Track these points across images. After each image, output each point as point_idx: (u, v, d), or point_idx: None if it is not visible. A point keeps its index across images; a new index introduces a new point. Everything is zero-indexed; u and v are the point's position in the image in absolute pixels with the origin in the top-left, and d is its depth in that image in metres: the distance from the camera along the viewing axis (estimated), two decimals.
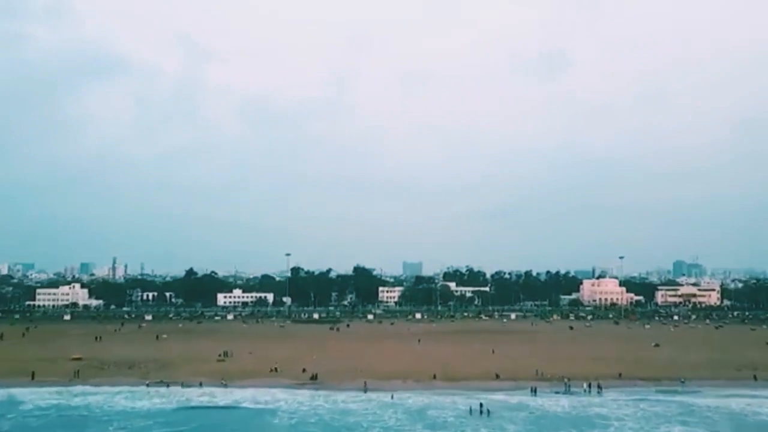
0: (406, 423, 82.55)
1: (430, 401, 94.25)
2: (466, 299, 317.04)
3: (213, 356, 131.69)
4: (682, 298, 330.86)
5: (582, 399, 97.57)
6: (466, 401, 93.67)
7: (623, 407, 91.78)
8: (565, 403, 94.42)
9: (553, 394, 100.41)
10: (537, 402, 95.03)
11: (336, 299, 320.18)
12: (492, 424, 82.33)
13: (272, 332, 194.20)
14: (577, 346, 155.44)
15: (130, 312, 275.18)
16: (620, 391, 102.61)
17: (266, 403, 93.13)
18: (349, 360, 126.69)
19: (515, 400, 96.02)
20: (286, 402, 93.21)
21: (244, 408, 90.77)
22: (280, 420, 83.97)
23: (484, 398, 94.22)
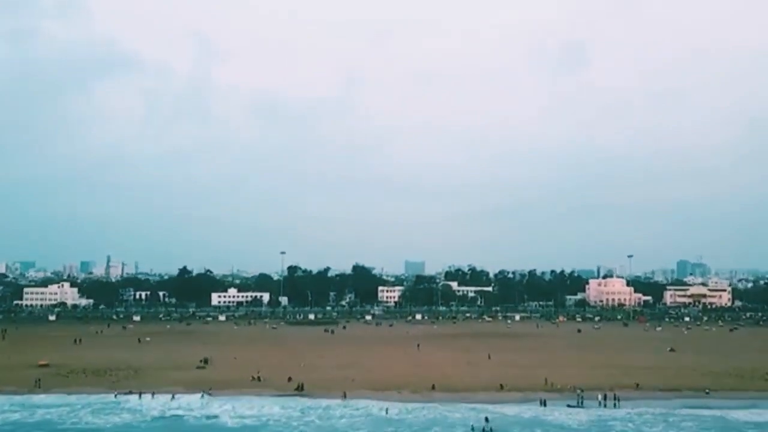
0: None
1: (430, 416, 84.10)
2: (469, 299, 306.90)
3: (194, 362, 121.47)
4: (692, 298, 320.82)
5: (600, 413, 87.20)
6: (469, 415, 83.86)
7: (650, 424, 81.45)
8: (582, 418, 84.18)
9: (565, 407, 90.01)
10: (549, 417, 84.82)
11: (334, 299, 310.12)
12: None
13: (263, 335, 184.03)
14: (587, 352, 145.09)
15: (118, 312, 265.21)
16: (640, 403, 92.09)
17: (240, 418, 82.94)
18: (341, 368, 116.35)
19: (524, 414, 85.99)
20: (260, 419, 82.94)
21: (212, 425, 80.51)
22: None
23: (489, 412, 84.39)
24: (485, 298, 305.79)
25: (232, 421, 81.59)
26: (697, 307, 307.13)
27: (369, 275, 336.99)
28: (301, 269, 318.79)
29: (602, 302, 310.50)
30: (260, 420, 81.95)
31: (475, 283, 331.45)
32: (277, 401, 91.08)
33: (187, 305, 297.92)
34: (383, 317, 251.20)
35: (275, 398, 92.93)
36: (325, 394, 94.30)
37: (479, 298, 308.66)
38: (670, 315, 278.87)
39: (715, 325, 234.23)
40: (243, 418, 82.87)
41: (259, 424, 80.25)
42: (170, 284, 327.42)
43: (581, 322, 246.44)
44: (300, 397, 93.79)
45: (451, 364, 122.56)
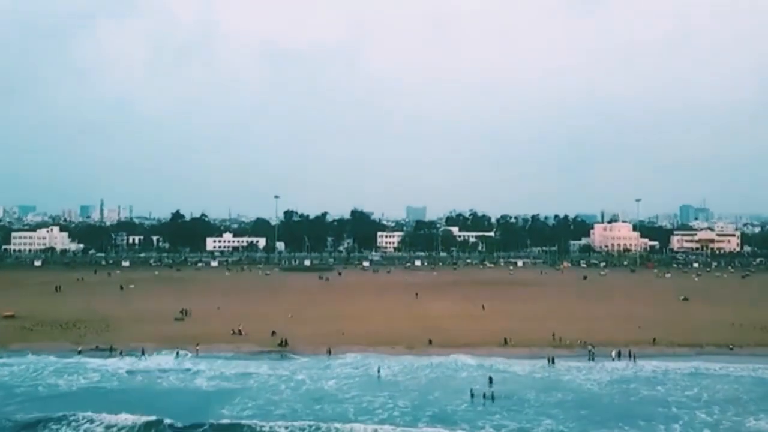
0: (397, 413, 63.13)
1: (427, 377, 75.47)
2: (470, 245, 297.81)
3: (174, 313, 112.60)
4: (699, 243, 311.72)
5: (620, 373, 78.26)
6: (471, 376, 75.25)
7: (680, 386, 72.52)
8: (601, 379, 75.67)
9: (577, 365, 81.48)
10: (564, 377, 76.19)
11: (332, 245, 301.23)
12: (514, 411, 63.20)
13: (253, 283, 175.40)
14: (595, 301, 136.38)
15: (108, 258, 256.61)
16: (660, 360, 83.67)
17: (215, 380, 74.15)
18: (332, 320, 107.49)
19: (536, 374, 77.62)
20: (237, 380, 74.04)
21: (184, 389, 71.52)
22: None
23: (493, 371, 76.19)
24: (487, 244, 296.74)
25: (207, 383, 72.82)
26: (705, 253, 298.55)
27: (368, 220, 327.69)
28: (298, 214, 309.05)
29: (607, 248, 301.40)
30: (237, 382, 73.20)
31: (476, 229, 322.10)
32: (256, 360, 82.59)
33: (180, 250, 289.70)
34: (381, 263, 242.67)
35: (255, 356, 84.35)
36: (310, 352, 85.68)
37: (481, 243, 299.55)
38: (678, 261, 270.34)
39: (726, 271, 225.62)
40: (219, 380, 74.17)
41: (236, 387, 71.30)
42: (164, 229, 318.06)
43: (586, 268, 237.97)
44: (282, 355, 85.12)
45: (451, 315, 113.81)
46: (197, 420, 59.80)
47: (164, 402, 65.61)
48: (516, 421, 60.41)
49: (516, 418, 61.21)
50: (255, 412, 62.59)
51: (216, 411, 62.75)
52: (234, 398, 66.60)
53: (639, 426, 59.37)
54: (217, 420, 60.03)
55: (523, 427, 59.08)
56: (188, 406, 64.56)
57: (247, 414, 62.10)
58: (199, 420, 59.80)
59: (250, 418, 60.72)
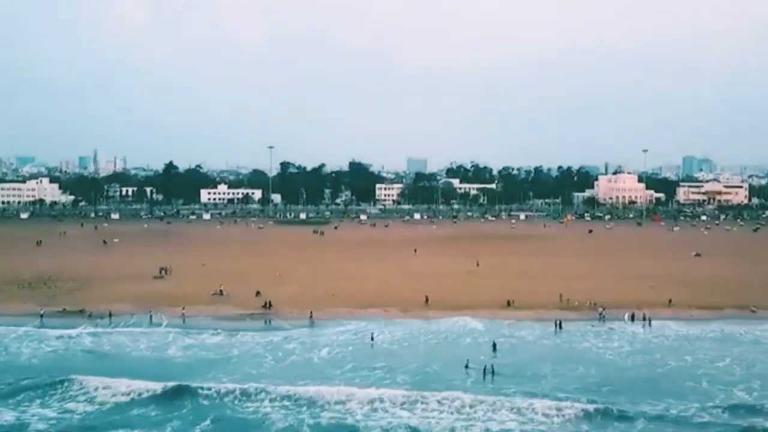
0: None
1: (425, 345, 68.37)
2: (471, 197, 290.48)
3: (155, 270, 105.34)
4: (706, 195, 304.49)
5: (640, 340, 71.02)
6: (473, 343, 68.39)
7: (710, 355, 64.90)
8: (619, 347, 68.07)
9: (589, 330, 74.55)
10: (579, 344, 69.03)
11: (330, 197, 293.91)
12: (529, 387, 55.34)
13: (245, 237, 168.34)
14: (603, 257, 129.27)
15: (98, 210, 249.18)
16: (678, 324, 76.81)
17: (191, 350, 66.91)
18: (323, 278, 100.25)
19: (544, 340, 70.75)
20: (213, 349, 66.70)
21: (155, 359, 64.12)
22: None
23: (497, 336, 69.26)
24: (488, 197, 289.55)
25: (182, 354, 65.11)
26: (712, 205, 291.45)
27: (366, 172, 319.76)
28: (295, 166, 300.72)
29: (612, 200, 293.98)
30: (215, 352, 65.76)
31: (477, 181, 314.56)
32: (238, 325, 75.22)
33: (174, 202, 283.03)
34: (380, 217, 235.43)
35: (237, 321, 77.10)
36: (296, 315, 78.48)
37: (482, 196, 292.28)
38: (685, 213, 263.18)
39: (735, 224, 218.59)
40: (195, 349, 66.75)
41: (214, 357, 63.71)
42: (157, 180, 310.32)
43: (590, 221, 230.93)
44: (266, 320, 77.90)
45: (451, 273, 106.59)
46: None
47: (129, 376, 58.40)
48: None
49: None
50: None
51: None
52: (209, 371, 59.23)
53: (671, 406, 51.12)
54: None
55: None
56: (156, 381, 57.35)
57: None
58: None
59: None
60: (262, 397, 52.32)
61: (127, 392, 53.46)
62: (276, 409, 50.57)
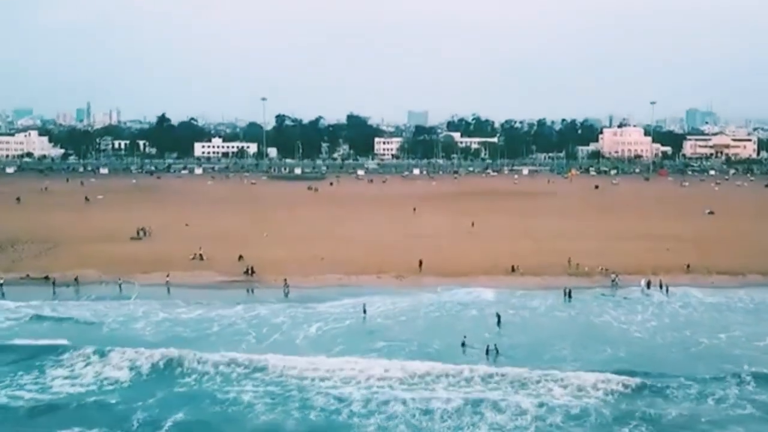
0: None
1: (424, 318, 61.49)
2: (472, 152, 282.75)
3: (135, 230, 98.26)
4: (714, 149, 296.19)
5: (665, 312, 63.99)
6: (476, 315, 61.69)
7: (746, 332, 57.64)
8: (644, 320, 61.01)
9: (603, 299, 68.02)
10: (592, 316, 62.21)
11: (327, 151, 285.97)
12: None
13: (236, 193, 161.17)
14: (611, 215, 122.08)
15: (86, 164, 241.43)
16: (700, 291, 70.10)
17: (164, 325, 59.92)
18: (312, 240, 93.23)
19: (557, 311, 63.89)
20: (185, 323, 59.31)
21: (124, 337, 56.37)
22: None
23: (500, 306, 62.54)
24: (490, 150, 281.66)
25: (151, 331, 57.39)
26: (720, 159, 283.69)
27: (365, 125, 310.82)
28: (291, 118, 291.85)
29: (617, 153, 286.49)
30: (190, 328, 58.11)
31: (479, 134, 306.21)
32: (216, 294, 68.38)
33: (167, 156, 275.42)
34: (378, 172, 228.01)
35: (216, 290, 70.22)
36: (280, 284, 71.38)
37: (484, 150, 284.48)
38: (693, 168, 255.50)
39: (745, 179, 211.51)
40: (168, 324, 59.29)
41: (189, 336, 56.08)
42: (150, 133, 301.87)
43: (596, 176, 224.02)
44: (248, 289, 71.31)
45: (450, 234, 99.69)
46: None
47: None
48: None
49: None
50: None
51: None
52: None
53: (712, 396, 44.19)
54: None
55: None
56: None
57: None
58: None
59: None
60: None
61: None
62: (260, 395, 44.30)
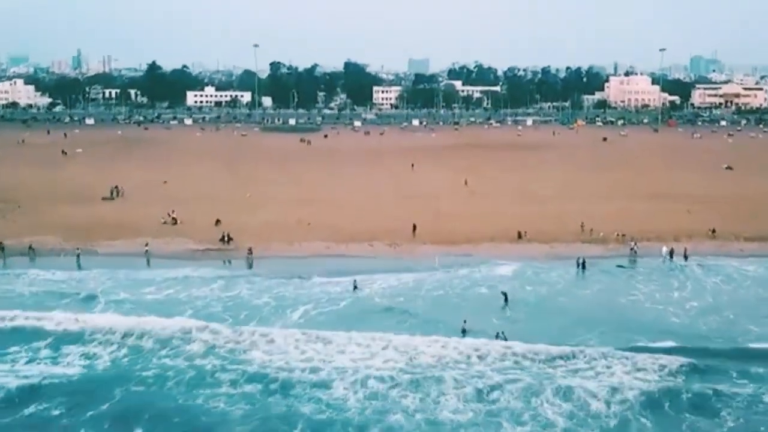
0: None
1: (422, 296, 53.67)
2: (474, 101, 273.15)
3: (108, 189, 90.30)
4: (723, 98, 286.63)
5: (704, 288, 55.67)
6: (480, 294, 54.01)
7: None
8: (681, 299, 52.61)
9: (632, 273, 60.47)
10: (613, 294, 54.13)
11: (324, 101, 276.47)
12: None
13: (224, 146, 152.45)
14: (623, 171, 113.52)
15: (72, 114, 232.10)
16: (730, 261, 62.36)
17: (118, 304, 52.33)
18: (300, 202, 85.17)
19: (575, 292, 55.13)
20: (148, 306, 50.37)
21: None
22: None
23: (505, 282, 55.08)
24: (492, 100, 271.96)
25: (109, 319, 47.73)
26: (730, 109, 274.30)
27: (363, 73, 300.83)
28: (286, 66, 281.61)
29: (624, 103, 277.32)
30: (155, 311, 48.94)
31: (481, 83, 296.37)
32: (184, 266, 60.42)
33: (158, 105, 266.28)
34: (375, 123, 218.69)
35: (187, 261, 62.28)
36: (259, 253, 63.97)
37: (486, 99, 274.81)
38: (703, 118, 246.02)
39: (758, 130, 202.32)
40: (128, 305, 50.66)
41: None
42: (142, 82, 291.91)
43: (602, 126, 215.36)
44: (226, 261, 63.60)
45: (451, 194, 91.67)
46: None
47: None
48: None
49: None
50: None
51: (103, 392, 37.35)
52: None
53: None
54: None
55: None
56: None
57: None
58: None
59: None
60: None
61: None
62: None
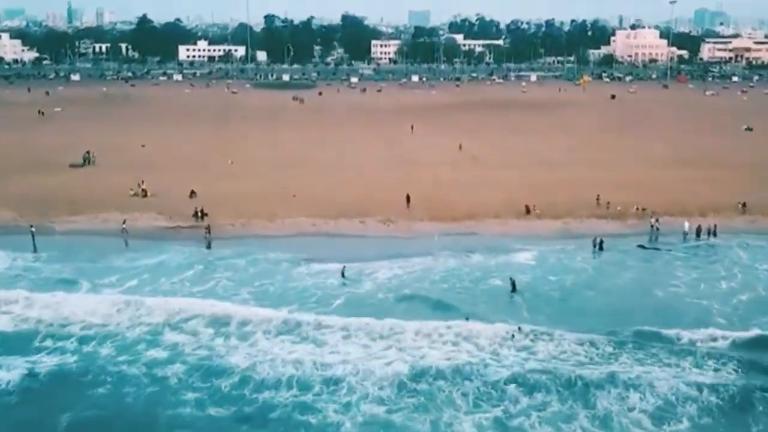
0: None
1: (419, 287, 46.47)
2: (476, 55, 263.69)
3: (79, 155, 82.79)
4: (734, 53, 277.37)
5: (755, 275, 48.17)
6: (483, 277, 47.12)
7: None
8: (732, 292, 44.89)
9: (657, 255, 53.48)
10: (650, 285, 46.67)
11: (320, 56, 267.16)
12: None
13: (213, 104, 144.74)
14: (636, 134, 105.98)
15: (58, 70, 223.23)
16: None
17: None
18: (285, 168, 78.11)
19: (599, 283, 47.32)
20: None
21: None
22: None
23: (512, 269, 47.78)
24: (495, 54, 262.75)
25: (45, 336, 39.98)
26: (740, 63, 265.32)
27: (361, 26, 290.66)
28: (281, 19, 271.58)
29: (631, 58, 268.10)
30: (102, 318, 42.61)
31: (483, 36, 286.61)
32: (150, 250, 53.12)
33: (150, 61, 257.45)
34: (373, 79, 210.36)
35: (155, 242, 54.99)
36: (238, 232, 57.13)
37: (488, 53, 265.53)
38: (713, 74, 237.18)
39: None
40: (57, 310, 41.82)
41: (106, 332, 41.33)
42: (132, 36, 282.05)
43: (609, 82, 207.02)
44: (199, 241, 56.38)
45: (451, 161, 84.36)
46: None
47: None
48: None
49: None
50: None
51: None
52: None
53: None
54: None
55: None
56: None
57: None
58: None
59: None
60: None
61: None
62: None
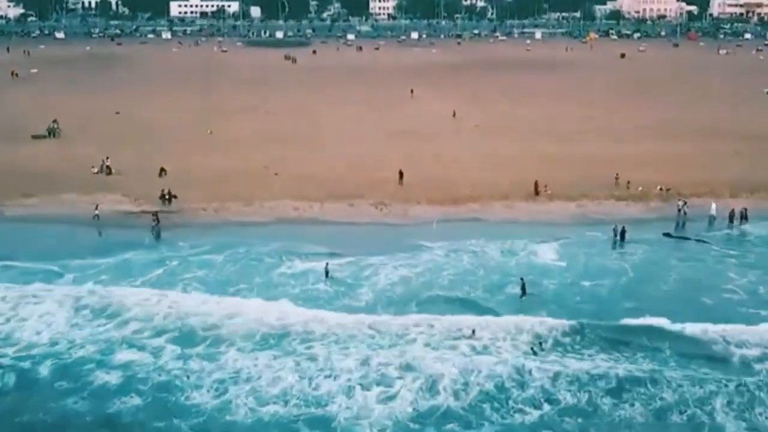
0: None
1: (422, 297, 39.97)
2: (478, 11, 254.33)
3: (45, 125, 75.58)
4: (745, 8, 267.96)
5: None
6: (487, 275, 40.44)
7: None
8: None
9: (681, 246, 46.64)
10: (705, 292, 39.36)
11: (316, 11, 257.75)
12: None
13: (200, 64, 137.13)
14: (650, 99, 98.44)
15: (44, 28, 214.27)
16: None
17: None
18: (270, 141, 70.78)
19: (618, 273, 41.14)
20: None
21: None
22: None
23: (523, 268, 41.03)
24: (498, 9, 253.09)
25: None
26: (752, 20, 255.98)
27: None
28: None
29: (639, 14, 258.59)
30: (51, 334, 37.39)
31: None
32: (107, 244, 46.52)
33: (140, 17, 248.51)
34: (371, 36, 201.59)
35: (109, 228, 48.73)
36: (211, 217, 50.53)
37: (491, 9, 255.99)
38: (725, 30, 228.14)
39: None
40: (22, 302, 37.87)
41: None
42: None
43: (617, 40, 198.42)
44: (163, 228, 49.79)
45: (451, 131, 77.48)
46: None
47: None
48: None
49: None
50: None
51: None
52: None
53: None
54: None
55: None
56: None
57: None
58: None
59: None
60: None
61: None
62: None
